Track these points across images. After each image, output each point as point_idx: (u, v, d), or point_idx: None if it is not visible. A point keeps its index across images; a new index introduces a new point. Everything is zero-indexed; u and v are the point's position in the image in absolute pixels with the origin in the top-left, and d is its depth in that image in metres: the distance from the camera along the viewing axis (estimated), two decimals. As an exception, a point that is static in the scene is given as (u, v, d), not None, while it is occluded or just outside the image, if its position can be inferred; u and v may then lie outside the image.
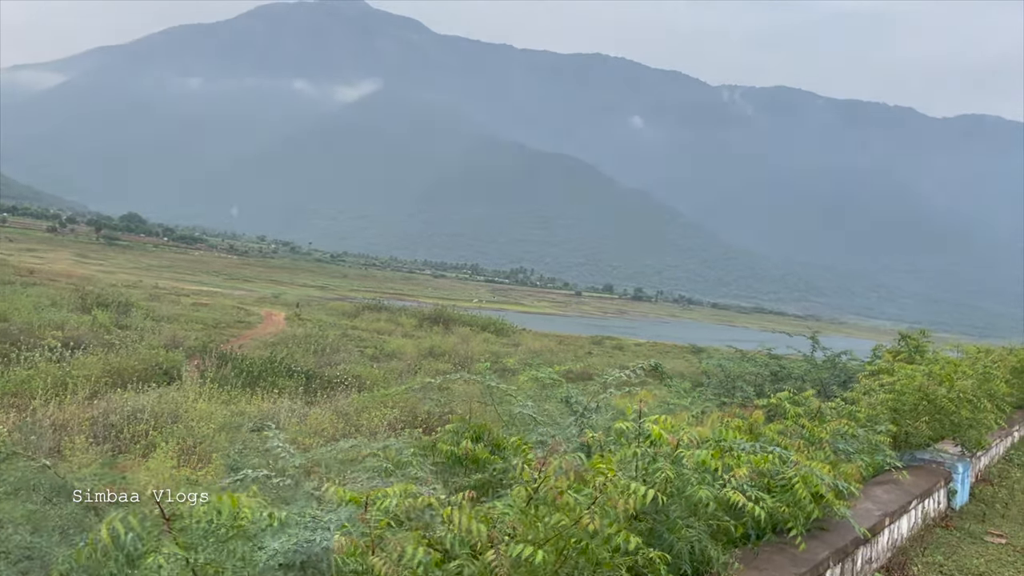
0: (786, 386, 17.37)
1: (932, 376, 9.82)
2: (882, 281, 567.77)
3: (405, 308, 74.29)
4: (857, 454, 7.35)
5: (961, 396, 9.30)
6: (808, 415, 7.32)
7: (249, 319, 54.46)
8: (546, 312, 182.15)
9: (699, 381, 18.90)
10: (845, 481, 6.29)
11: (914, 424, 9.09)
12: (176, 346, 31.67)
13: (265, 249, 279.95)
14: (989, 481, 11.70)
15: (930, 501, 8.79)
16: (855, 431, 7.28)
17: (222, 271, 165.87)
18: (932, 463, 9.64)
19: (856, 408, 8.31)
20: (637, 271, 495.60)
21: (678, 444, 4.41)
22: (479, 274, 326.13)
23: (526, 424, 6.34)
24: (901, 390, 9.23)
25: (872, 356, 18.14)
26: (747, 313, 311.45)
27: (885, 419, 9.01)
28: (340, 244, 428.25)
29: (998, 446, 13.47)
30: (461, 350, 43.29)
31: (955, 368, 10.27)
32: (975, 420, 9.61)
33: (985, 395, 10.46)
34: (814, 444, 6.43)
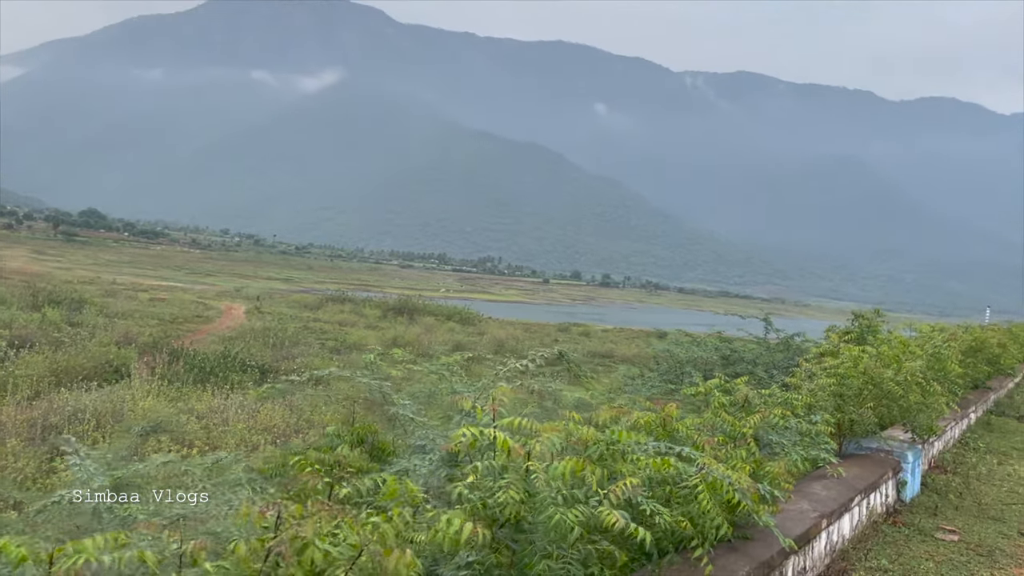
0: (737, 370, 16.71)
1: (880, 358, 9.08)
2: (845, 263, 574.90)
3: (369, 299, 73.45)
4: (793, 447, 6.55)
5: (909, 379, 8.54)
6: (734, 405, 6.49)
7: (208, 313, 53.15)
8: (514, 300, 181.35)
9: (649, 367, 18.10)
10: (771, 482, 5.49)
11: (859, 411, 8.29)
12: (129, 343, 30.23)
13: (228, 242, 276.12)
14: (943, 468, 11.00)
15: (876, 495, 8.01)
16: (787, 422, 6.45)
17: (184, 266, 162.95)
18: (880, 452, 8.88)
19: (794, 395, 7.51)
20: (604, 257, 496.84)
21: (529, 454, 3.55)
22: (446, 264, 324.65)
23: (406, 426, 5.45)
24: (845, 374, 8.44)
25: (825, 337, 17.54)
26: (713, 297, 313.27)
27: (829, 406, 8.24)
28: (305, 236, 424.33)
29: (953, 429, 12.81)
30: (424, 340, 42.69)
31: (904, 348, 9.56)
32: (925, 404, 8.86)
33: (936, 377, 9.77)
34: (736, 440, 5.61)
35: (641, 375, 16.99)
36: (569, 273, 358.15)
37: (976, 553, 7.52)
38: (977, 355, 15.69)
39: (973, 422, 15.05)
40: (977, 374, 15.37)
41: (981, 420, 15.83)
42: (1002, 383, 20.24)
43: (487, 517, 3.33)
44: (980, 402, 16.00)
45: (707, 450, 5.21)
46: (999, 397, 19.55)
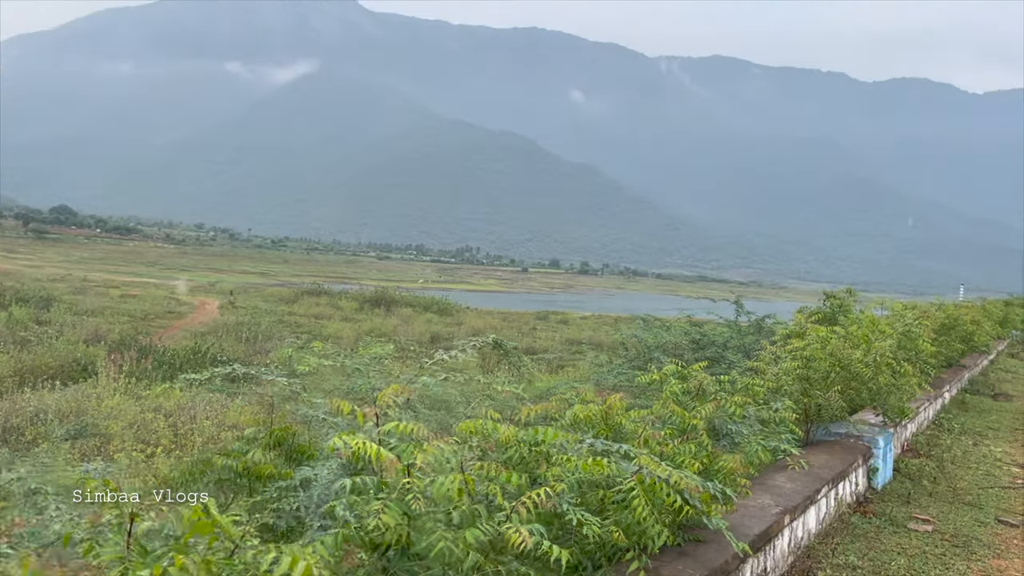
0: (708, 354, 16.26)
1: (848, 338, 8.61)
2: (820, 244, 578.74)
3: (346, 291, 72.93)
4: (753, 438, 6.06)
5: (879, 360, 8.05)
6: (687, 394, 5.96)
7: (180, 309, 52.45)
8: (493, 290, 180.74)
9: (618, 354, 17.62)
10: (725, 478, 4.99)
11: (825, 395, 7.81)
12: (98, 340, 30.14)
13: (203, 237, 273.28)
14: (917, 451, 10.58)
15: (845, 484, 7.53)
16: (742, 412, 5.93)
17: (158, 261, 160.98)
18: (849, 438, 8.42)
19: (756, 381, 7.01)
20: (583, 245, 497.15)
21: (409, 468, 3.00)
22: (425, 254, 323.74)
23: (319, 428, 4.89)
24: (811, 356, 7.95)
25: (796, 317, 17.15)
26: (691, 282, 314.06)
27: (794, 390, 7.77)
28: (281, 229, 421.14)
29: (926, 410, 12.42)
30: (402, 332, 42.45)
31: (873, 328, 9.09)
32: (896, 386, 8.39)
33: (907, 357, 9.32)
34: (687, 433, 5.09)
35: (610, 362, 16.52)
36: (548, 261, 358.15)
37: (952, 544, 7.06)
38: (950, 333, 15.32)
39: (947, 402, 14.69)
40: (951, 352, 15.00)
41: (956, 399, 15.50)
42: (976, 360, 19.98)
43: (368, 542, 2.79)
44: (954, 381, 15.66)
45: (652, 446, 4.69)
46: (974, 375, 19.27)
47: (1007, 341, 32.24)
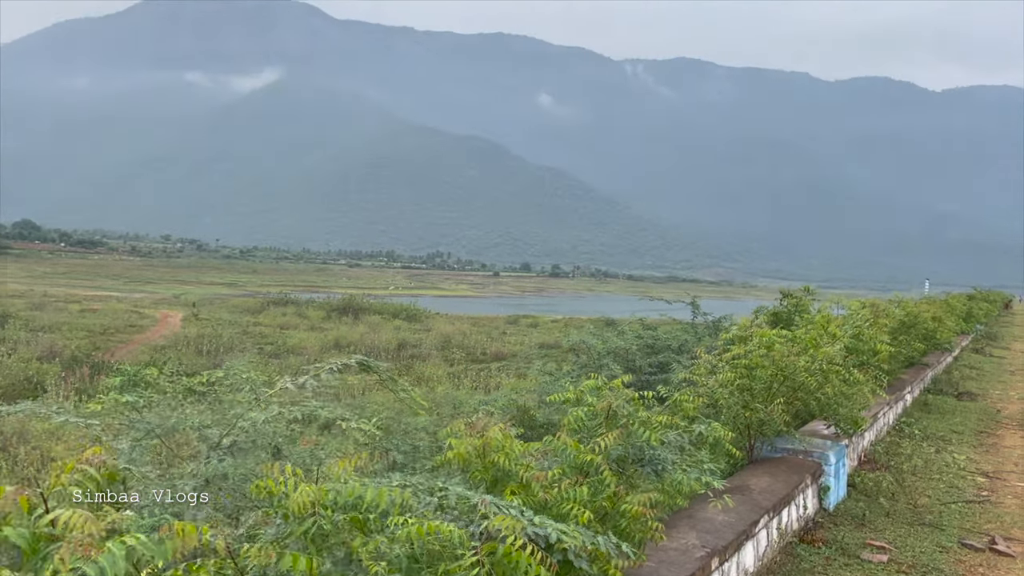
0: (661, 359, 15.45)
1: (796, 343, 7.81)
2: (788, 243, 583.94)
3: (313, 300, 72.23)
4: (679, 466, 5.22)
5: (826, 367, 7.23)
6: (593, 418, 5.06)
7: (142, 323, 51.11)
8: (464, 295, 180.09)
9: (567, 361, 16.71)
10: (629, 525, 4.13)
11: (767, 408, 6.97)
12: (53, 357, 29.49)
13: (170, 249, 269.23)
14: (875, 462, 9.79)
15: (791, 509, 6.69)
16: (659, 437, 5.03)
17: (123, 274, 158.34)
18: (798, 454, 7.60)
19: (686, 396, 6.16)
20: (554, 248, 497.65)
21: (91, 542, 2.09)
22: (395, 261, 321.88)
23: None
24: (753, 364, 7.13)
25: (754, 317, 16.39)
26: (662, 283, 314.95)
27: (735, 404, 6.93)
28: (250, 239, 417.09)
29: (886, 415, 11.66)
30: (369, 340, 41.60)
31: (823, 330, 8.29)
32: (845, 395, 7.58)
33: (862, 361, 8.53)
34: (583, 470, 4.22)
35: (559, 369, 15.65)
36: (519, 265, 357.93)
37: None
38: (910, 331, 14.59)
39: (909, 404, 13.98)
40: (911, 352, 14.28)
41: (918, 401, 14.81)
42: (939, 358, 19.38)
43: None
44: (916, 381, 14.98)
45: (535, 490, 3.83)
46: (937, 374, 18.65)
47: (971, 336, 31.85)
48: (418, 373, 34.43)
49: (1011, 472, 9.88)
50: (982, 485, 9.12)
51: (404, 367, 36.61)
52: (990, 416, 14.09)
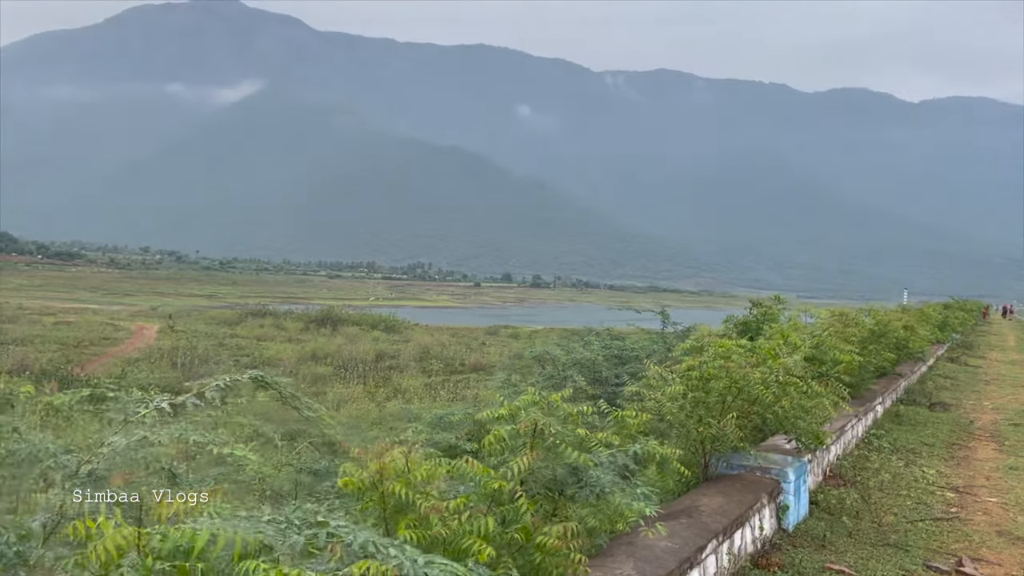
0: (629, 370, 15.04)
1: (755, 353, 7.41)
2: (768, 253, 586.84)
3: (291, 311, 71.85)
4: (619, 491, 4.77)
5: (783, 379, 6.81)
6: (516, 438, 4.59)
7: (117, 335, 50.43)
8: (445, 306, 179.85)
9: (530, 373, 16.23)
10: (545, 559, 3.70)
11: (719, 423, 6.54)
12: (24, 370, 28.95)
13: (149, 260, 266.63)
14: (841, 477, 9.39)
15: (745, 531, 6.24)
16: (587, 459, 4.57)
17: (101, 287, 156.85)
18: (755, 470, 7.18)
19: (630, 412, 5.72)
20: (535, 259, 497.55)
21: None
22: (376, 272, 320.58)
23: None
24: (707, 376, 6.72)
25: (724, 326, 16.03)
26: (643, 292, 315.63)
27: (684, 419, 6.51)
28: (230, 251, 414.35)
29: (855, 427, 11.29)
30: (347, 351, 41.26)
31: (784, 340, 7.90)
32: (804, 409, 7.17)
33: (820, 372, 8.14)
34: (492, 499, 3.76)
35: (523, 381, 15.19)
36: (500, 276, 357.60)
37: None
38: (880, 341, 14.26)
39: (880, 415, 13.63)
40: (881, 362, 13.92)
41: (890, 411, 14.47)
42: (913, 368, 19.11)
43: None
44: (888, 392, 14.65)
45: (433, 523, 3.39)
46: (910, 383, 18.36)
47: (947, 345, 31.72)
48: (395, 384, 33.99)
49: (982, 487, 9.52)
50: (951, 501, 8.75)
51: (381, 378, 36.22)
52: (963, 427, 13.78)
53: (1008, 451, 11.78)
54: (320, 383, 32.59)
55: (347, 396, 29.60)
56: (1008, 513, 8.36)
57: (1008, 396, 18.77)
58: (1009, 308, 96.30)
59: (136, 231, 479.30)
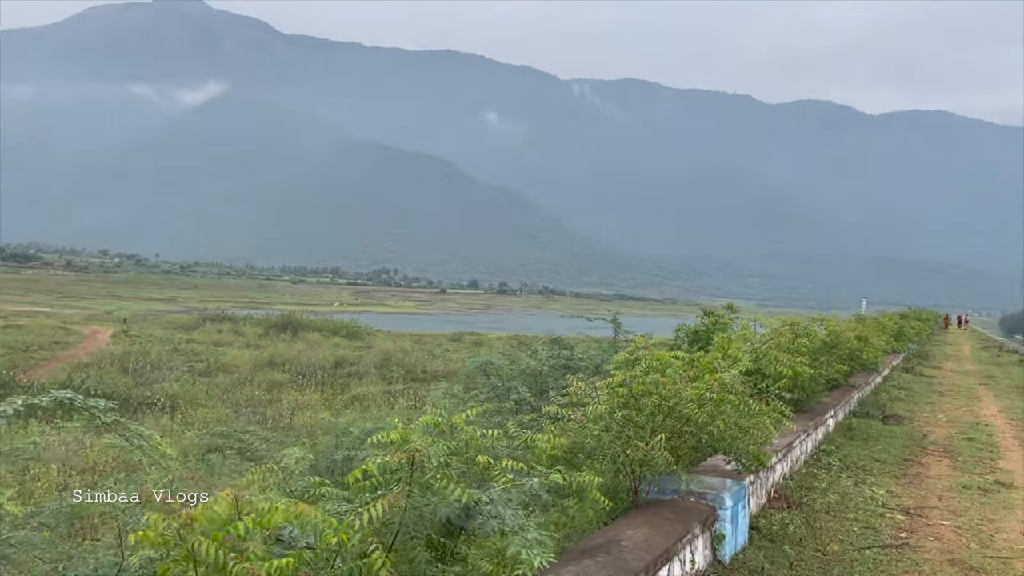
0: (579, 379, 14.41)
1: (693, 366, 6.81)
2: (732, 262, 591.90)
3: (251, 316, 70.82)
4: (519, 532, 4.13)
5: (717, 397, 6.20)
6: (390, 472, 3.90)
7: (69, 339, 49.09)
8: (410, 312, 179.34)
9: (474, 384, 15.56)
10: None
11: (647, 445, 5.89)
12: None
13: (107, 264, 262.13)
14: (786, 499, 8.80)
15: (672, 568, 5.52)
16: (473, 496, 3.89)
17: (56, 289, 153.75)
18: (690, 495, 6.57)
19: (541, 437, 5.08)
20: (501, 266, 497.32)
21: None
22: (341, 277, 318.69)
23: None
24: (634, 393, 6.09)
25: (676, 336, 15.51)
26: (608, 300, 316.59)
27: (608, 441, 5.88)
28: (192, 254, 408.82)
29: (804, 443, 10.76)
30: (305, 357, 40.58)
31: (723, 351, 7.33)
32: (742, 429, 6.57)
33: (757, 389, 7.57)
34: (336, 555, 3.08)
35: (467, 392, 14.51)
36: (466, 282, 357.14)
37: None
38: (832, 351, 13.79)
39: (832, 429, 13.14)
40: (833, 374, 13.44)
41: (842, 425, 14.00)
42: (868, 379, 18.73)
43: None
44: (840, 404, 14.20)
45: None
46: (864, 395, 17.97)
47: (903, 355, 31.60)
48: (353, 392, 33.21)
49: (934, 508, 9.02)
50: (902, 525, 8.22)
51: (340, 385, 35.43)
52: (916, 441, 13.35)
53: (961, 468, 11.34)
54: (276, 390, 31.98)
55: (302, 403, 28.91)
56: (961, 538, 7.86)
57: (962, 408, 18.48)
58: (964, 318, 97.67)
59: (96, 234, 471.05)
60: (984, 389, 23.41)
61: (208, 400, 28.64)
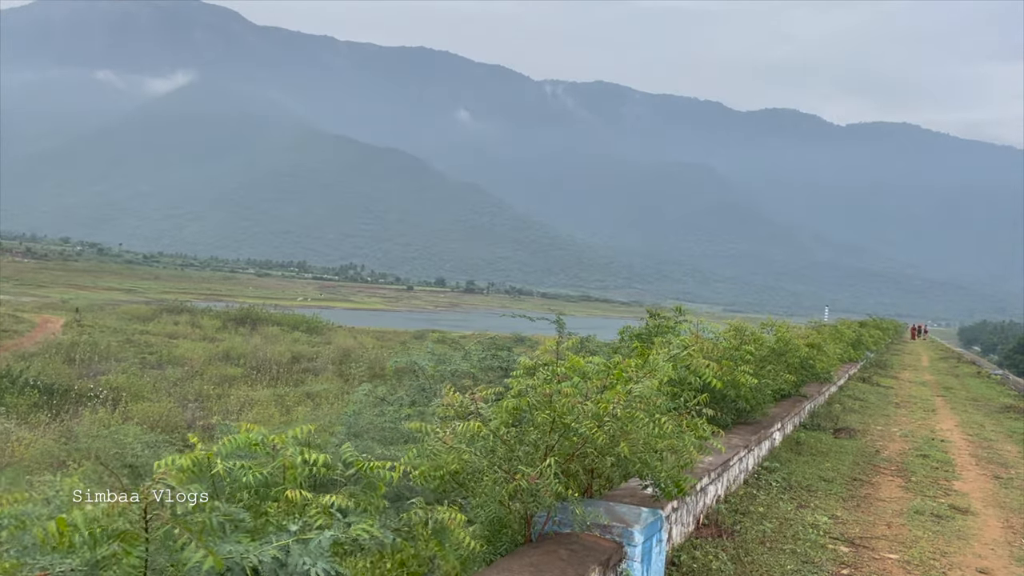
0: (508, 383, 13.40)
1: (607, 376, 5.80)
2: (698, 266, 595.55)
3: (210, 309, 69.76)
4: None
5: (621, 413, 5.13)
6: (93, 527, 2.87)
7: (18, 327, 47.67)
8: (376, 308, 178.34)
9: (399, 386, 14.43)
10: None
11: (532, 471, 4.79)
12: None
13: (68, 252, 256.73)
14: (717, 526, 7.77)
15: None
16: (255, 548, 2.85)
17: (13, 276, 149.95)
18: (594, 529, 5.54)
19: (381, 464, 4.03)
20: (469, 264, 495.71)
21: None
22: (307, 272, 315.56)
23: None
24: (520, 408, 5.02)
25: (619, 337, 14.48)
26: (575, 301, 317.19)
27: (488, 467, 4.84)
28: (156, 244, 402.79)
29: (744, 460, 9.77)
30: (262, 352, 39.99)
31: (642, 361, 6.33)
32: (656, 453, 5.54)
33: (673, 406, 6.55)
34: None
35: (392, 394, 13.37)
36: (434, 280, 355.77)
37: None
38: (782, 359, 12.80)
39: (779, 443, 12.21)
40: (780, 384, 12.41)
41: (790, 438, 13.05)
42: (821, 389, 17.87)
43: None
44: (790, 416, 13.28)
45: None
46: (816, 406, 17.10)
47: (860, 364, 31.01)
48: (307, 388, 32.24)
49: (882, 537, 8.08)
50: (844, 559, 7.25)
51: (295, 381, 34.48)
52: (867, 458, 12.45)
53: (914, 489, 10.44)
54: (226, 384, 31.34)
55: (253, 399, 28.13)
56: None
57: (918, 421, 17.71)
58: (923, 328, 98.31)
59: (58, 221, 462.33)
60: (941, 401, 22.76)
61: (153, 393, 27.78)
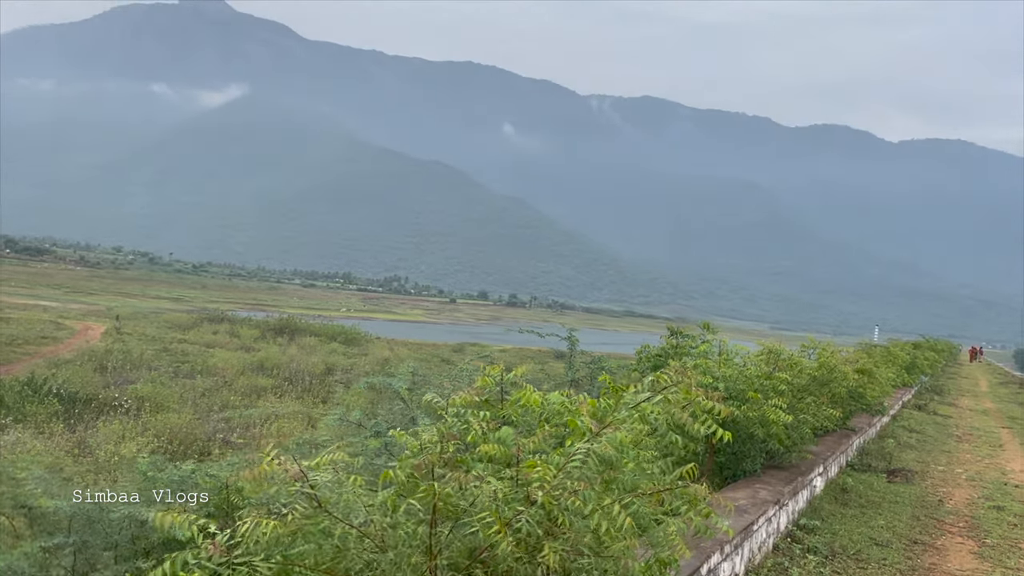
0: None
1: (598, 416, 4.10)
2: (744, 283, 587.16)
3: (250, 318, 69.47)
4: None
5: (548, 500, 3.31)
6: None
7: (58, 334, 47.59)
8: (418, 320, 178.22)
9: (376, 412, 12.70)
10: None
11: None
12: None
13: (120, 260, 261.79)
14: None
15: None
16: None
17: (65, 284, 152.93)
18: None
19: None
20: (512, 277, 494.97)
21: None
22: (352, 283, 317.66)
23: None
24: (409, 483, 3.42)
25: (637, 358, 12.70)
26: (618, 317, 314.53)
27: (409, 553, 3.22)
28: (205, 255, 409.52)
29: (774, 519, 7.95)
30: (296, 363, 39.08)
31: (617, 398, 4.61)
32: (604, 562, 3.69)
33: (680, 455, 4.78)
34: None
35: (370, 418, 11.63)
36: (476, 293, 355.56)
37: None
38: (823, 389, 10.74)
39: (820, 490, 10.29)
40: (822, 420, 10.33)
41: (834, 484, 11.03)
42: (871, 420, 15.81)
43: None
44: (834, 455, 11.30)
45: None
46: (866, 441, 15.03)
47: (914, 389, 28.63)
48: (338, 399, 31.25)
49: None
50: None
51: (326, 393, 33.55)
52: (930, 510, 10.38)
53: (991, 556, 8.40)
54: (255, 396, 30.63)
55: (279, 411, 27.50)
56: None
57: (984, 460, 15.51)
58: (979, 349, 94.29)
59: (112, 230, 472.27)
60: (1008, 434, 20.44)
61: (178, 404, 27.07)
